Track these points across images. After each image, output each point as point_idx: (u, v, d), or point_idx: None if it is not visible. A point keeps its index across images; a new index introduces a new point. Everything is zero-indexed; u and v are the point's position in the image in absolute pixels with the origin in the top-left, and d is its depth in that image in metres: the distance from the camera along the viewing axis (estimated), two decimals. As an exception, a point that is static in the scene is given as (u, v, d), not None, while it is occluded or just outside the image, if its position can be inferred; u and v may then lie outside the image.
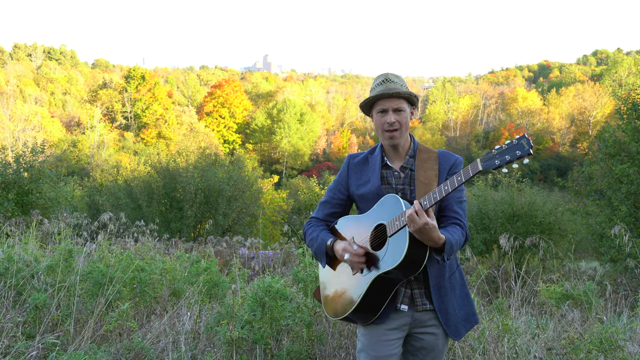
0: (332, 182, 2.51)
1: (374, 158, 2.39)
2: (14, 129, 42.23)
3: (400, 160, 2.35)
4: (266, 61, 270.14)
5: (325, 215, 2.47)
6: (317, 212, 2.50)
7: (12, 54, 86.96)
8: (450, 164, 2.31)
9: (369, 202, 2.32)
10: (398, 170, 2.33)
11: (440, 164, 2.30)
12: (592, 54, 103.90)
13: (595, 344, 3.00)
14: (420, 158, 2.32)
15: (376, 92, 2.29)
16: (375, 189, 2.30)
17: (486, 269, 6.38)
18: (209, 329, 3.50)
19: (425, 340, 2.26)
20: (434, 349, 2.28)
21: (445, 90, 66.20)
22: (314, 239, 2.38)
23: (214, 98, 56.53)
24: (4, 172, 11.57)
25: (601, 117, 52.82)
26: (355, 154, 2.49)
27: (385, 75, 2.33)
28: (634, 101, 12.05)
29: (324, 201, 2.49)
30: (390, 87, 2.26)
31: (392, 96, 2.25)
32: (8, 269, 3.79)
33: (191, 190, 16.97)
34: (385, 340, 2.21)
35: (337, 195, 2.45)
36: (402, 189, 2.31)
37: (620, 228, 4.46)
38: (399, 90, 2.24)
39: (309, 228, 2.46)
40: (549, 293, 4.94)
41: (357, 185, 2.39)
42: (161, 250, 7.12)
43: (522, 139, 1.88)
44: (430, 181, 2.24)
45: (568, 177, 13.75)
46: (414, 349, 2.30)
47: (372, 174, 2.35)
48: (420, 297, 2.24)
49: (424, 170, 2.28)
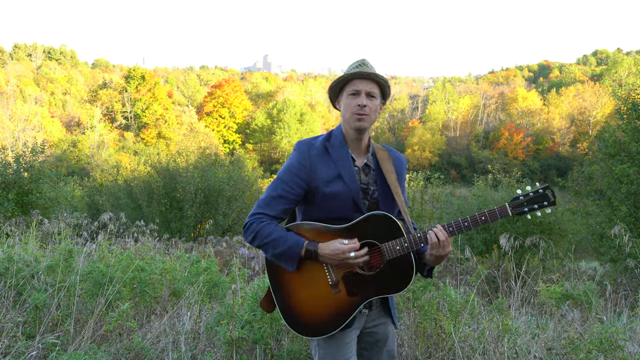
0: (283, 172, 2.15)
1: (337, 150, 2.15)
2: (14, 129, 42.22)
3: (362, 156, 2.21)
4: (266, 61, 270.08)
5: (278, 212, 2.12)
6: (266, 207, 2.12)
7: (12, 54, 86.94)
8: (404, 167, 2.30)
9: (338, 202, 2.10)
10: (360, 167, 2.18)
11: (395, 166, 2.24)
12: (592, 54, 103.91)
13: (595, 344, 3.00)
14: (380, 157, 2.22)
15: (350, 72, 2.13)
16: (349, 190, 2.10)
17: (486, 269, 6.38)
18: (209, 329, 3.50)
19: (378, 333, 2.26)
20: (387, 337, 2.27)
21: (445, 90, 66.19)
22: (281, 240, 2.06)
23: (214, 98, 56.53)
24: (4, 172, 11.56)
25: (601, 117, 52.82)
26: (309, 141, 2.18)
27: (362, 60, 2.18)
28: (634, 101, 12.05)
29: (278, 195, 2.12)
30: (366, 69, 2.12)
31: (368, 77, 2.11)
32: (8, 269, 3.79)
33: (191, 190, 16.97)
34: (347, 343, 2.17)
35: (295, 190, 2.11)
36: (366, 188, 2.18)
37: (620, 228, 4.46)
38: (377, 73, 2.11)
39: (264, 226, 2.09)
40: (549, 293, 4.94)
41: (324, 180, 2.10)
42: (161, 250, 7.12)
43: (547, 189, 2.11)
44: (397, 188, 2.18)
45: (568, 177, 13.75)
46: (369, 345, 2.27)
47: (343, 169, 2.11)
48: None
49: (388, 174, 2.19)
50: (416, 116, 73.22)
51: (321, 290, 2.11)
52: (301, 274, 2.12)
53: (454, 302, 3.52)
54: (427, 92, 78.01)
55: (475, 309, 3.85)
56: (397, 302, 3.64)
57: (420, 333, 3.48)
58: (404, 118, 71.18)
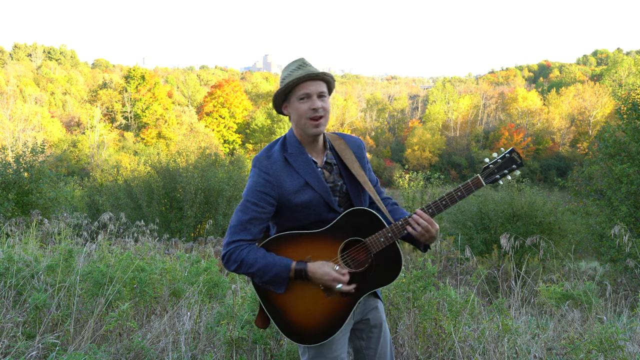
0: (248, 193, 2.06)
1: (297, 157, 2.07)
2: (14, 129, 42.23)
3: (321, 156, 2.14)
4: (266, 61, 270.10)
5: (256, 234, 2.06)
6: (240, 232, 2.05)
7: (12, 54, 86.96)
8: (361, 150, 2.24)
9: (311, 210, 2.05)
10: (322, 167, 2.12)
11: (354, 153, 2.20)
12: (592, 54, 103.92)
13: (595, 344, 3.00)
14: (339, 150, 2.16)
15: (296, 76, 2.01)
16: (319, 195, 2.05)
17: (486, 269, 6.38)
18: (209, 329, 3.50)
19: (371, 319, 2.24)
20: (381, 321, 2.26)
21: (445, 90, 66.21)
22: (267, 266, 2.01)
23: (214, 98, 56.54)
24: (4, 172, 11.57)
25: (601, 117, 52.83)
26: (265, 155, 2.10)
27: (300, 59, 2.07)
28: (634, 101, 12.05)
29: (250, 218, 2.04)
30: (311, 70, 2.02)
31: (316, 78, 2.01)
32: (8, 269, 3.79)
33: (191, 190, 16.98)
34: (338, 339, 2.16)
35: (267, 208, 2.05)
36: (333, 185, 2.12)
37: (620, 228, 4.46)
38: (323, 72, 2.03)
39: (247, 254, 2.02)
40: (549, 293, 4.94)
41: (292, 192, 2.04)
42: (161, 250, 7.12)
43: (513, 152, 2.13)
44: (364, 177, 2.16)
45: (568, 177, 13.75)
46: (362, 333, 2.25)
47: (309, 177, 2.05)
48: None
49: (350, 165, 2.14)
50: (416, 116, 73.27)
51: (315, 298, 2.08)
52: (295, 288, 2.09)
53: (454, 302, 3.52)
54: (427, 92, 78.03)
55: (475, 309, 3.84)
56: (397, 302, 3.64)
57: (420, 333, 3.48)
58: (404, 118, 71.21)
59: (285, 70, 2.11)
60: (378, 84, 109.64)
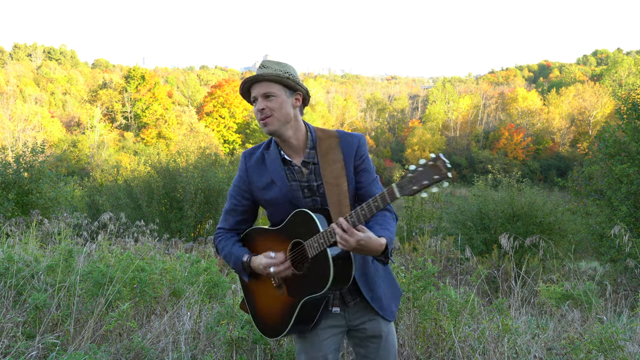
0: (231, 186, 2.25)
1: (271, 155, 2.16)
2: (14, 129, 42.24)
3: (300, 155, 2.14)
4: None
5: (233, 225, 2.25)
6: (223, 221, 2.26)
7: (12, 54, 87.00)
8: (354, 149, 2.11)
9: (279, 207, 2.12)
10: (299, 165, 2.12)
11: (344, 152, 2.10)
12: (592, 54, 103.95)
13: (595, 344, 3.00)
14: (322, 149, 2.11)
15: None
16: (284, 194, 2.10)
17: (486, 269, 6.38)
18: (209, 329, 3.50)
19: (367, 329, 2.18)
20: (381, 334, 2.19)
21: (445, 90, 66.23)
22: (228, 255, 2.18)
23: (214, 98, 56.56)
24: (4, 172, 11.57)
25: (601, 117, 52.85)
26: (250, 151, 2.23)
27: (262, 62, 2.10)
28: (634, 101, 12.06)
29: (228, 209, 2.24)
30: (260, 72, 2.05)
31: (257, 81, 2.05)
32: (8, 269, 3.79)
33: (191, 190, 16.98)
34: (322, 340, 2.16)
35: (241, 202, 2.21)
36: (308, 185, 2.11)
37: (620, 228, 4.46)
38: (263, 73, 2.02)
39: (219, 242, 2.24)
40: (549, 293, 4.94)
41: (260, 189, 2.15)
42: (161, 250, 7.11)
43: (438, 160, 1.69)
44: (339, 179, 2.06)
45: (568, 177, 13.75)
46: (360, 340, 2.22)
47: (274, 174, 2.12)
48: (350, 293, 2.16)
49: (328, 164, 2.08)
50: (416, 116, 73.31)
51: (271, 293, 2.17)
52: (257, 279, 2.20)
53: (454, 302, 3.52)
54: (427, 92, 78.06)
55: (475, 309, 3.84)
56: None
57: (420, 333, 3.48)
58: (404, 118, 71.25)
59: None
60: (378, 84, 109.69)
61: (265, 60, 2.11)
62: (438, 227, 15.82)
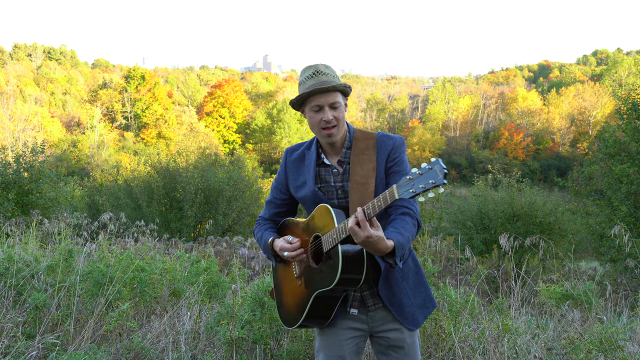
0: (273, 181, 2.39)
1: (310, 155, 2.21)
2: (14, 129, 42.22)
3: (338, 154, 2.18)
4: (266, 61, 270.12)
5: (272, 215, 2.37)
6: (263, 211, 2.41)
7: (12, 54, 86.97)
8: (389, 148, 2.13)
9: (308, 205, 2.21)
10: (336, 166, 2.17)
11: (378, 153, 2.12)
12: (592, 54, 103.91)
13: (595, 344, 3.00)
14: (357, 149, 2.14)
15: (307, 86, 2.07)
16: (311, 194, 2.16)
17: (486, 269, 6.39)
18: (209, 329, 3.50)
19: (391, 338, 2.17)
20: (403, 345, 2.17)
21: (445, 90, 66.20)
22: (260, 239, 2.32)
23: (214, 98, 56.52)
24: (4, 172, 11.56)
25: (601, 117, 52.81)
26: (292, 149, 2.32)
27: (314, 67, 2.10)
28: (634, 101, 12.05)
29: (269, 200, 2.39)
30: (323, 80, 2.06)
31: (327, 91, 2.05)
32: (8, 269, 3.79)
33: (191, 190, 16.97)
34: (341, 340, 2.17)
35: (279, 195, 2.33)
36: (342, 186, 2.15)
37: (620, 228, 4.46)
38: (334, 83, 2.05)
39: (256, 227, 2.38)
40: (549, 293, 4.94)
41: (295, 187, 2.26)
42: (161, 250, 7.11)
43: (436, 165, 1.69)
44: (367, 179, 2.07)
45: (568, 177, 13.74)
46: (383, 348, 2.21)
47: (307, 175, 2.19)
48: (371, 297, 2.16)
49: (360, 164, 2.11)
50: (416, 116, 73.25)
51: (293, 283, 2.24)
52: (284, 268, 2.32)
53: (454, 302, 3.52)
54: (427, 92, 78.01)
55: (475, 309, 3.85)
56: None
57: (420, 333, 3.48)
58: (404, 118, 71.19)
59: (301, 74, 2.17)
60: (378, 84, 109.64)
61: (319, 65, 2.12)
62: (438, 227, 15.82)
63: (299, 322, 2.18)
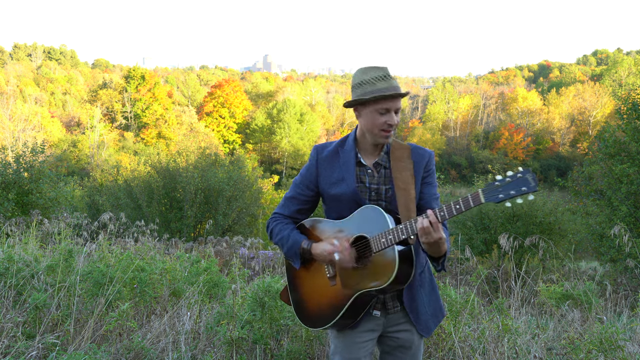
0: (298, 175, 2.33)
1: (346, 153, 2.22)
2: (14, 129, 42.22)
3: (374, 157, 2.22)
4: (266, 61, 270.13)
5: (292, 212, 2.32)
6: (282, 207, 2.34)
7: (12, 54, 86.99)
8: (425, 161, 2.21)
9: (341, 203, 2.20)
10: (372, 168, 2.21)
11: (415, 163, 2.19)
12: (592, 54, 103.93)
13: (595, 344, 3.00)
14: (395, 156, 2.19)
15: (380, 88, 2.09)
16: (351, 192, 2.17)
17: (486, 269, 6.38)
18: (209, 329, 3.50)
19: (400, 339, 2.24)
20: (411, 346, 2.24)
21: (445, 90, 66.19)
22: (285, 239, 2.25)
23: (214, 98, 56.52)
24: (4, 172, 11.56)
25: (601, 117, 52.82)
26: (323, 145, 2.31)
27: (383, 69, 2.14)
28: (634, 101, 12.05)
29: (290, 196, 2.32)
30: (395, 85, 2.10)
31: (401, 96, 2.10)
32: (8, 269, 3.79)
33: (191, 190, 16.97)
34: (358, 343, 2.20)
35: (305, 192, 2.29)
36: (377, 188, 2.20)
37: (620, 228, 4.46)
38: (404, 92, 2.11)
39: (276, 225, 2.30)
40: (549, 293, 4.94)
41: (328, 183, 2.23)
42: (161, 250, 7.11)
43: (527, 173, 1.82)
44: (408, 185, 2.15)
45: (568, 177, 13.74)
46: (390, 348, 2.27)
47: (346, 173, 2.19)
48: (392, 300, 2.22)
49: (399, 171, 2.17)
50: (416, 116, 73.26)
51: (322, 283, 2.22)
52: (307, 268, 2.28)
53: (454, 302, 3.52)
54: (427, 92, 78.00)
55: (475, 309, 3.85)
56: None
57: (420, 333, 3.48)
58: (404, 118, 71.17)
59: (364, 73, 2.16)
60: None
61: (386, 68, 2.15)
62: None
63: (332, 323, 2.17)
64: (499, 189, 1.85)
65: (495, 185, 1.86)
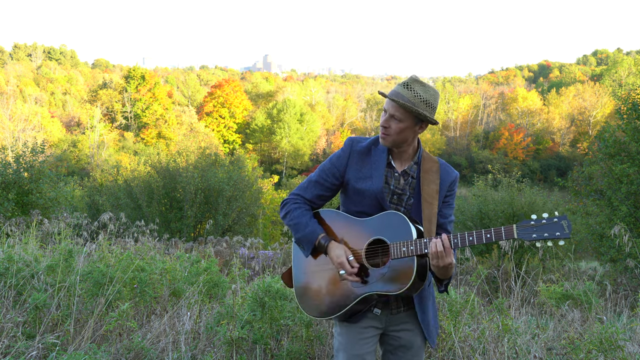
0: (326, 161, 2.34)
1: (379, 153, 2.26)
2: (14, 129, 42.22)
3: (404, 164, 2.27)
4: (266, 61, 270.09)
5: (313, 196, 2.32)
6: (304, 190, 2.33)
7: (12, 54, 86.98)
8: (451, 180, 2.27)
9: (364, 199, 2.23)
10: (399, 173, 2.25)
11: (441, 179, 2.25)
12: (592, 54, 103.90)
13: (595, 344, 3.00)
14: (425, 168, 2.25)
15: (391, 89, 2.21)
16: (376, 191, 2.21)
17: (486, 269, 6.38)
18: (209, 329, 3.50)
19: (402, 338, 2.28)
20: (413, 345, 2.28)
21: (445, 90, 66.19)
22: (302, 225, 2.25)
23: (214, 98, 56.51)
24: (4, 172, 11.56)
25: (601, 117, 52.81)
26: (358, 139, 2.33)
27: (411, 78, 2.18)
28: (634, 101, 12.04)
29: (315, 181, 2.32)
30: (402, 94, 2.14)
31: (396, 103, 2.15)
32: (8, 269, 3.79)
33: (191, 190, 16.97)
34: (362, 339, 2.24)
35: (331, 179, 2.29)
36: (401, 193, 2.25)
37: (620, 228, 4.46)
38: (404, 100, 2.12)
39: (295, 208, 2.30)
40: (549, 293, 4.94)
41: (356, 177, 2.25)
42: (161, 250, 7.11)
43: (563, 220, 1.90)
44: (432, 199, 2.20)
45: (568, 177, 13.73)
46: (392, 347, 2.31)
47: (375, 172, 2.23)
48: (395, 301, 2.26)
49: (427, 183, 2.22)
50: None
51: (330, 276, 2.25)
52: (318, 258, 2.30)
53: (454, 302, 3.52)
54: (427, 92, 77.88)
55: (475, 309, 3.85)
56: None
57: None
58: (404, 118, 71.10)
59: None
60: (378, 84, 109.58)
61: (412, 78, 2.17)
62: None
63: (335, 315, 2.22)
64: (533, 228, 1.92)
65: (530, 224, 1.93)
